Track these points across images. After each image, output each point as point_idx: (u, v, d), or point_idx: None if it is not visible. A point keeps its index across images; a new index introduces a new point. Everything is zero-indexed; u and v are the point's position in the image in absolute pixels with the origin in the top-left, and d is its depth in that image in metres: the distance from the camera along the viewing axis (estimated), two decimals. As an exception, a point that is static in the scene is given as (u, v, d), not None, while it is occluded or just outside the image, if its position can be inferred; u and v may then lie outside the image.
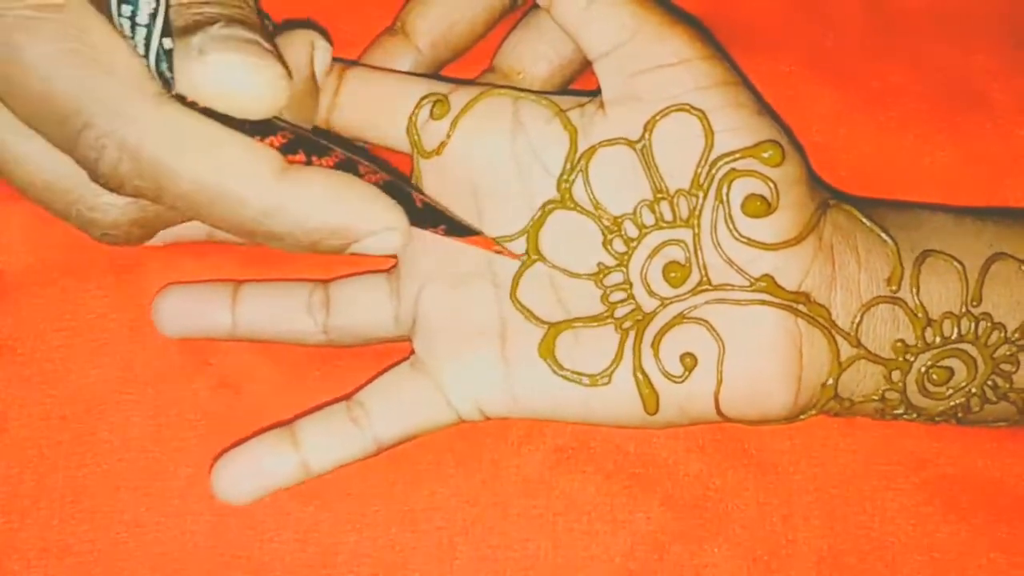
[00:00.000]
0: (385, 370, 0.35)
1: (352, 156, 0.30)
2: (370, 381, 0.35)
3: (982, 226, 0.34)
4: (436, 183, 0.34)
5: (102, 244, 0.36)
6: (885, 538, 0.35)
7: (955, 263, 0.33)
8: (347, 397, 0.34)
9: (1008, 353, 0.33)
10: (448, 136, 0.33)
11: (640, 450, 0.36)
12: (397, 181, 0.31)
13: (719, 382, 0.32)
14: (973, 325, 0.33)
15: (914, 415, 0.34)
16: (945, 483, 0.36)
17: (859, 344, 0.32)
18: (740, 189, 0.32)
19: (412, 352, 0.34)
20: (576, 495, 0.35)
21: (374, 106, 0.34)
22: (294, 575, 0.34)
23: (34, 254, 0.36)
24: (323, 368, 0.36)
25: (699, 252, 0.32)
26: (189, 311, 0.35)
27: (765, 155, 0.32)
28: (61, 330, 0.36)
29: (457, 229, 0.33)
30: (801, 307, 0.32)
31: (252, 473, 0.33)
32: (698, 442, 0.36)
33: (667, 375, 0.32)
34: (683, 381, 0.32)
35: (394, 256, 0.35)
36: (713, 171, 0.32)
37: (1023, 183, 0.38)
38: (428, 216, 0.32)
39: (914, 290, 0.33)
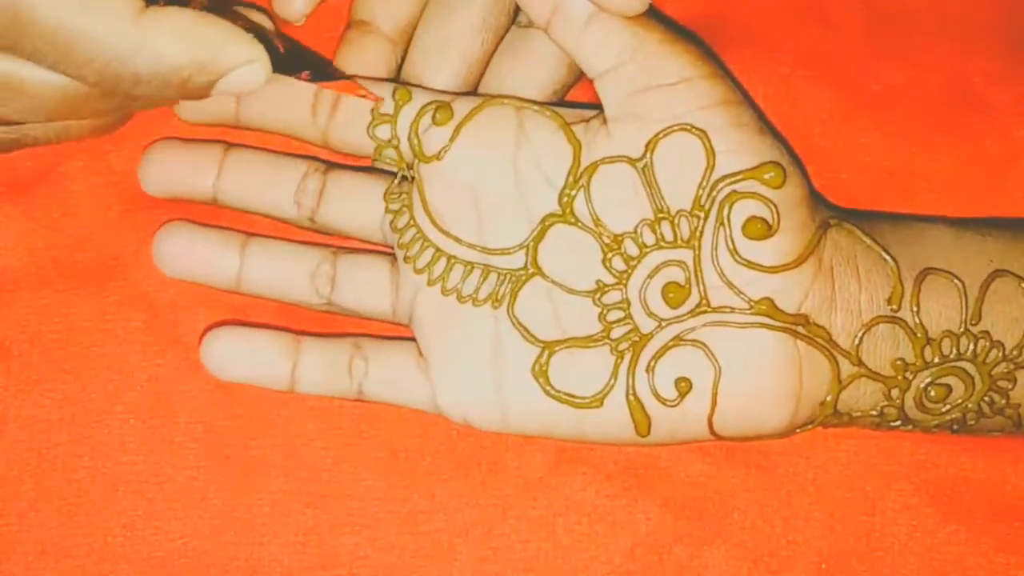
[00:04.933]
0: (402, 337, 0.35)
1: (214, 4, 0.30)
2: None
3: (983, 241, 0.34)
4: (436, 190, 0.33)
5: (98, 244, 0.36)
6: (885, 539, 0.35)
7: (955, 281, 0.33)
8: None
9: (1006, 371, 0.33)
10: (450, 142, 0.33)
11: (640, 452, 0.36)
12: (258, 28, 0.31)
13: (713, 405, 0.32)
14: (972, 344, 0.33)
15: (910, 427, 0.34)
16: (945, 485, 0.36)
17: (860, 363, 0.32)
18: (741, 211, 0.31)
19: None
20: (576, 496, 0.35)
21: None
22: (294, 577, 0.35)
23: (30, 255, 0.36)
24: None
25: (699, 273, 0.32)
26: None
27: (767, 176, 0.31)
28: (58, 332, 0.36)
29: (321, 74, 0.33)
30: (800, 329, 0.32)
31: (243, 361, 0.35)
32: (698, 443, 0.36)
33: (661, 399, 0.32)
34: (676, 405, 0.32)
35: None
36: (714, 192, 0.31)
37: (1022, 185, 0.38)
38: (292, 62, 0.32)
39: (914, 309, 0.32)
